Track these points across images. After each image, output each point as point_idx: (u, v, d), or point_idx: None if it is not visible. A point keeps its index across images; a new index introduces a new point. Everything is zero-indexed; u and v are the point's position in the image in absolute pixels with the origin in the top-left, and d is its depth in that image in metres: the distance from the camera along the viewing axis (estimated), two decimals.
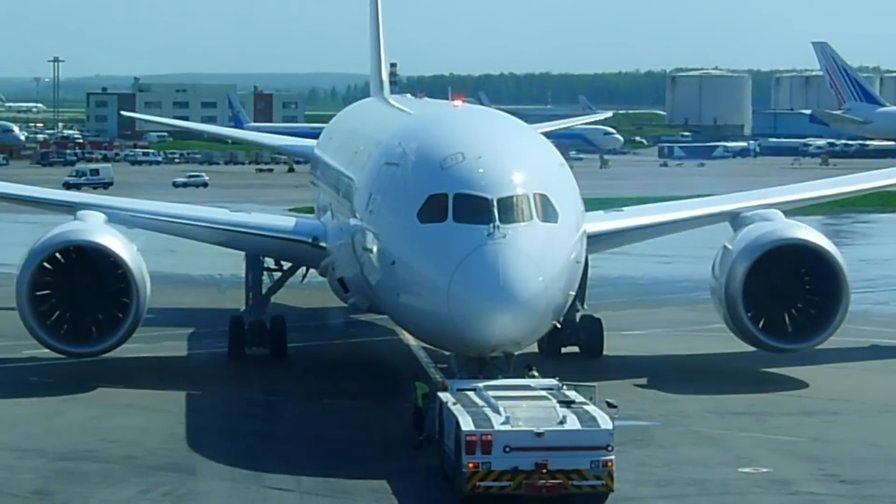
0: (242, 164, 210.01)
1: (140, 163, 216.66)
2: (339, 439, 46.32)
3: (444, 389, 43.01)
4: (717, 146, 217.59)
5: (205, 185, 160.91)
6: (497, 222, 44.76)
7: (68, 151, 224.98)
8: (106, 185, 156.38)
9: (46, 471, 42.49)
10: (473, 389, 42.29)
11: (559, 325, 50.78)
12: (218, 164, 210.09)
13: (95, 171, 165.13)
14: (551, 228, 45.95)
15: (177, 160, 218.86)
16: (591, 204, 53.39)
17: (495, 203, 45.19)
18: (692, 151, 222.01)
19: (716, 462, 43.78)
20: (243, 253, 62.89)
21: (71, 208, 61.24)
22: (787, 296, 56.57)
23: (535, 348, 51.16)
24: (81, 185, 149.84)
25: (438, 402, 42.49)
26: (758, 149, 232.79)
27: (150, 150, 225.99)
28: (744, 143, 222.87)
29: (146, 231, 61.17)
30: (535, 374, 45.06)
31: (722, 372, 56.49)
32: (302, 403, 52.18)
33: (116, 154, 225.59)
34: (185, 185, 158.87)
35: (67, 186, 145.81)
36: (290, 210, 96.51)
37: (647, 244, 69.62)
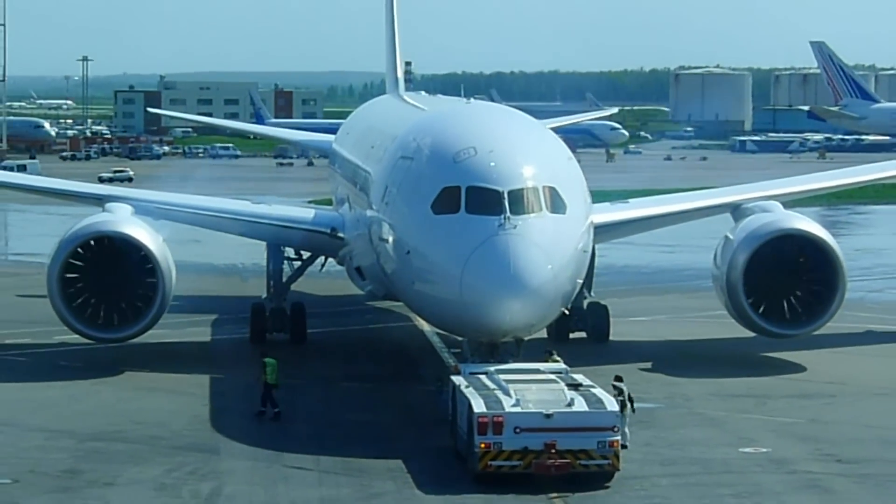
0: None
1: (220, 156, 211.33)
2: (356, 421, 46.44)
3: (457, 373, 43.16)
4: (794, 140, 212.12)
5: (129, 179, 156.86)
6: (508, 214, 44.85)
7: (154, 147, 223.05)
8: None
9: (76, 451, 42.63)
10: (485, 373, 42.41)
11: (567, 312, 50.74)
12: (293, 157, 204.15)
13: (23, 167, 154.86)
14: (560, 219, 46.02)
15: (200, 154, 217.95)
16: (598, 196, 53.37)
17: (506, 195, 45.28)
18: (765, 146, 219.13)
19: (717, 443, 43.85)
20: (265, 243, 63.09)
21: (99, 201, 61.41)
22: (786, 283, 56.62)
23: (544, 334, 51.22)
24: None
25: (452, 386, 42.60)
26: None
27: (230, 145, 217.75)
28: (821, 136, 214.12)
29: (171, 222, 61.34)
30: (557, 358, 45.14)
31: (723, 356, 56.56)
32: (320, 386, 52.29)
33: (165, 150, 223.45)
34: (110, 180, 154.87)
35: None
36: (310, 202, 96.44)
37: (651, 234, 69.64)
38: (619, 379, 44.15)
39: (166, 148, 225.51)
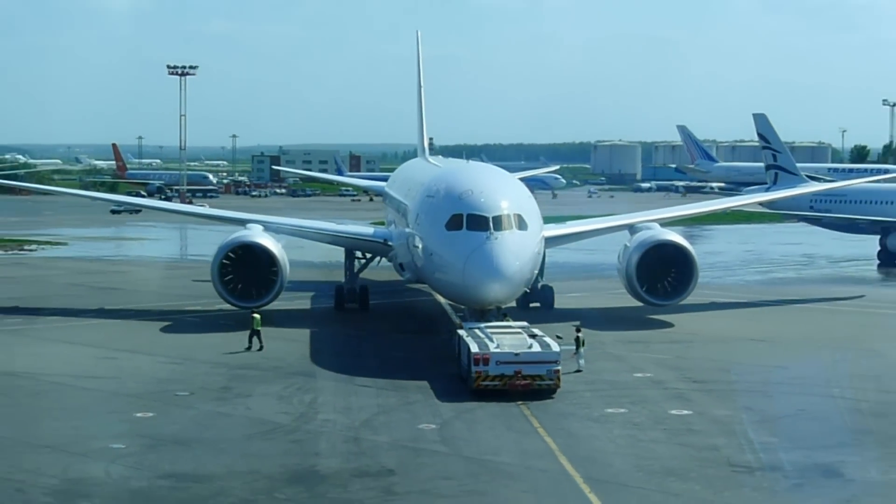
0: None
1: (344, 195, 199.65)
2: (399, 357, 46.45)
3: (461, 328, 43.19)
4: (706, 185, 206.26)
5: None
6: (492, 230, 44.93)
7: (307, 189, 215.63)
8: (137, 211, 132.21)
9: (228, 375, 42.72)
10: (478, 328, 42.44)
11: (528, 291, 50.88)
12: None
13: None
14: (524, 234, 46.07)
15: (303, 194, 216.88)
16: (547, 219, 53.31)
17: (491, 219, 45.38)
18: (690, 189, 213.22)
19: (620, 370, 43.83)
20: (343, 248, 63.13)
21: (242, 222, 61.54)
22: (662, 273, 56.74)
23: (514, 304, 51.16)
24: (122, 211, 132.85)
25: (458, 337, 42.59)
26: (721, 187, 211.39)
27: (350, 188, 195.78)
28: (728, 185, 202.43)
29: (286, 235, 61.42)
30: (509, 318, 45.23)
31: (623, 317, 56.38)
32: (378, 336, 52.28)
33: (276, 191, 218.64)
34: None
35: (114, 212, 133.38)
36: (372, 223, 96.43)
37: (580, 243, 69.71)
38: (578, 329, 44.37)
39: (319, 191, 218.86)
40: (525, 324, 43.84)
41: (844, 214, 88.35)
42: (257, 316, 48.19)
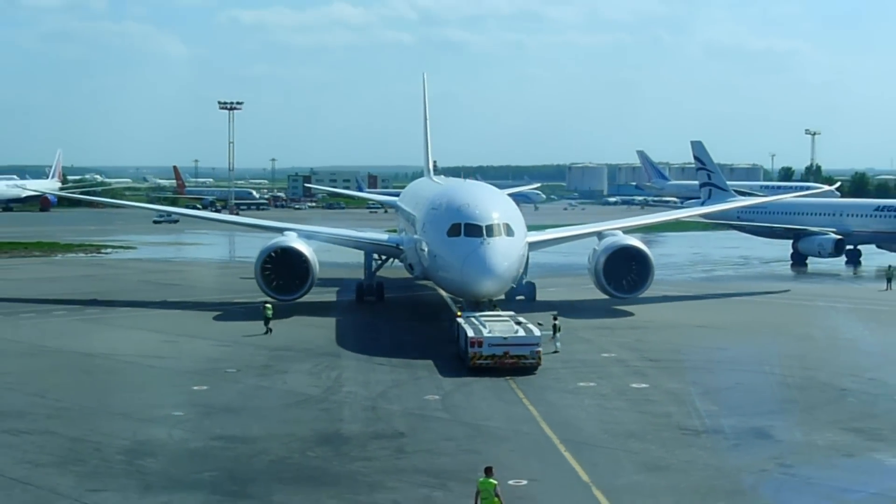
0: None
1: (369, 208, 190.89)
2: (409, 341, 46.34)
3: (459, 316, 43.16)
4: (670, 201, 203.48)
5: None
6: (485, 237, 45.01)
7: (342, 203, 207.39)
8: (175, 221, 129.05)
9: (268, 356, 42.65)
10: (473, 317, 42.46)
11: (514, 286, 50.84)
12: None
13: (169, 214, 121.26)
14: (511, 240, 46.16)
15: (339, 207, 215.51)
16: (530, 227, 53.30)
17: (484, 228, 45.46)
18: (655, 202, 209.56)
19: (590, 351, 43.81)
20: (363, 251, 63.04)
21: (280, 230, 61.49)
22: (624, 271, 56.70)
23: (503, 297, 51.11)
24: (162, 222, 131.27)
25: (457, 323, 42.60)
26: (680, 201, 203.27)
27: (375, 202, 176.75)
28: (642, 198, 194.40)
29: (316, 241, 61.35)
30: (499, 308, 45.20)
31: (592, 308, 56.42)
32: (391, 324, 52.12)
33: (308, 205, 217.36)
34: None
35: (156, 222, 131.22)
36: (386, 230, 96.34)
37: (557, 247, 69.68)
38: (556, 318, 44.40)
39: (343, 204, 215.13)
40: (512, 313, 43.84)
41: (764, 223, 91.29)
42: (269, 307, 48.36)
